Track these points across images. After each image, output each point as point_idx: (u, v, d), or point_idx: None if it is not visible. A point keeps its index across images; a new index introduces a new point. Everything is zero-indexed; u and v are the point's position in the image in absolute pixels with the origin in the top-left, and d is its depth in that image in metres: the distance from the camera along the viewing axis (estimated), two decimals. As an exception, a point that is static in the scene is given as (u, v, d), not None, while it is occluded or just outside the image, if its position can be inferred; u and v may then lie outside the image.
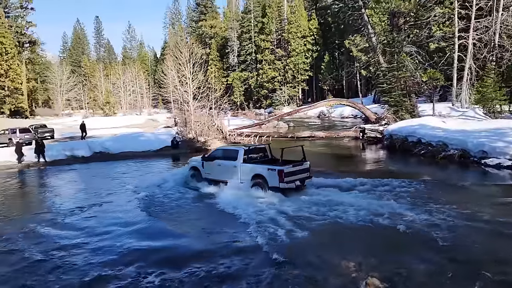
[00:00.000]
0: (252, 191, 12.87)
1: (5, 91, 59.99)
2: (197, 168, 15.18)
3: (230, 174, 13.73)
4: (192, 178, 15.40)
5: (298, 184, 12.63)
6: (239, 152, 13.79)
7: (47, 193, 15.56)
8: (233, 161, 13.76)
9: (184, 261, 7.97)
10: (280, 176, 12.14)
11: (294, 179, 12.49)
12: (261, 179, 12.77)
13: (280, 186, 12.22)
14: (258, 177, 12.88)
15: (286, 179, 12.16)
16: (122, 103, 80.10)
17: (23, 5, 71.20)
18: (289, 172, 12.36)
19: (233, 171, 13.68)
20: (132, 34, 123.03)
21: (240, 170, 13.49)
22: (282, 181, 12.15)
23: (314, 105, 40.89)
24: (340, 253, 8.05)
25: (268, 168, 12.62)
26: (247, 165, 13.41)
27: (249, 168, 13.28)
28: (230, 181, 13.64)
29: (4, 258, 8.55)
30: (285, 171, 12.15)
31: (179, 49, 32.27)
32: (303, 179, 12.95)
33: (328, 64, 69.22)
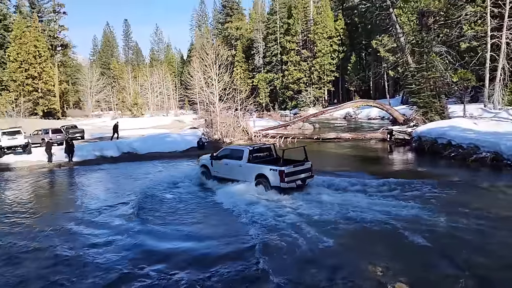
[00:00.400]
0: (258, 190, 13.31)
1: (39, 93, 62.10)
2: (207, 166, 15.81)
3: (236, 173, 14.36)
4: (202, 175, 16.02)
5: (299, 184, 13.16)
6: (244, 152, 14.39)
7: (77, 192, 15.96)
8: (238, 160, 14.33)
9: (210, 262, 8.01)
10: (281, 176, 12.67)
11: (294, 179, 13.01)
12: (264, 179, 13.29)
13: (281, 185, 12.75)
14: (261, 176, 13.42)
15: (286, 179, 12.70)
16: (150, 104, 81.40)
17: (55, 9, 73.61)
18: (290, 172, 12.86)
19: (238, 170, 14.29)
20: (160, 36, 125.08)
21: (244, 170, 14.03)
22: (283, 181, 12.69)
23: (340, 106, 40.43)
24: (366, 257, 7.92)
25: (270, 168, 13.14)
26: (251, 165, 13.94)
27: (253, 168, 13.82)
28: (236, 179, 14.22)
29: (36, 255, 8.81)
30: (285, 172, 12.69)
31: (205, 51, 32.60)
32: (304, 179, 13.44)
33: (355, 65, 68.35)
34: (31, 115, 56.17)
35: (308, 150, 14.45)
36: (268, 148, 15.65)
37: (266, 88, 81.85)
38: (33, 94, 61.06)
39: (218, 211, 12.12)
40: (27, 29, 62.23)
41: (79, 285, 7.31)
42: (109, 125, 53.51)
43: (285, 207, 11.62)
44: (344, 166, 19.32)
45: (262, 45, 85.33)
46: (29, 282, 7.53)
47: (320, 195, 12.63)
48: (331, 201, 11.90)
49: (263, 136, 30.53)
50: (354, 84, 67.97)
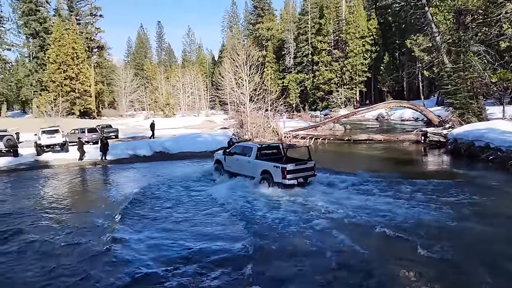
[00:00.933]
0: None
1: (76, 93, 64.32)
2: (221, 161, 16.78)
3: (245, 168, 15.27)
4: (216, 170, 17.05)
5: (300, 181, 13.83)
6: (253, 149, 15.29)
7: (111, 190, 16.33)
8: (247, 157, 15.24)
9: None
10: (283, 173, 13.42)
11: (296, 176, 13.68)
12: (268, 175, 14.05)
13: (283, 182, 13.47)
14: (266, 172, 14.18)
15: (288, 176, 13.42)
16: (181, 104, 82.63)
17: (92, 12, 76.05)
18: (291, 170, 13.58)
19: (247, 166, 15.19)
20: (192, 37, 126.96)
21: (252, 165, 14.88)
22: (285, 178, 13.41)
23: (373, 107, 39.67)
24: (397, 262, 7.73)
25: (274, 165, 13.90)
26: (258, 161, 14.77)
27: (259, 164, 14.64)
28: (245, 174, 15.14)
29: (71, 250, 9.08)
30: (287, 169, 13.44)
31: (236, 52, 32.76)
32: (306, 177, 14.09)
33: (388, 65, 67.04)
34: (68, 115, 58.14)
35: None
36: (276, 146, 16.49)
37: (297, 89, 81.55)
38: (70, 94, 63.32)
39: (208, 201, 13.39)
40: (65, 31, 64.60)
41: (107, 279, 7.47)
42: (142, 124, 54.78)
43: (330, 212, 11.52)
44: (375, 168, 18.95)
45: (293, 46, 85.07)
46: (62, 274, 7.77)
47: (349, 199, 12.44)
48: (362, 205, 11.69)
49: (293, 137, 30.39)
50: (387, 84, 66.64)
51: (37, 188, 17.09)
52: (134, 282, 7.30)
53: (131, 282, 7.29)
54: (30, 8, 69.31)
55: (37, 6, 70.67)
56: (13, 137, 25.77)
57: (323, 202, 12.09)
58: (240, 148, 16.23)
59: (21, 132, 37.21)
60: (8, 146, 24.53)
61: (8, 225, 11.13)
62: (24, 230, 10.58)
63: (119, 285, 7.21)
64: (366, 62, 69.56)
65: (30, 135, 34.56)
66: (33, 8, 69.69)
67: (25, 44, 73.59)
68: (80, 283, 7.38)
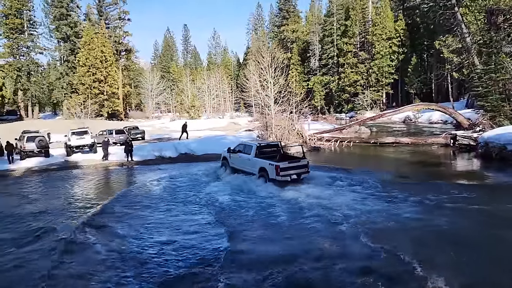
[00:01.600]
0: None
1: (104, 96, 65.85)
2: (226, 158, 18.32)
3: (246, 165, 16.70)
4: (221, 167, 18.75)
5: (294, 178, 14.93)
6: (253, 147, 16.59)
7: (136, 190, 16.56)
8: (248, 154, 16.59)
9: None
10: (276, 170, 14.64)
11: (289, 174, 14.82)
12: (264, 172, 15.31)
13: (276, 178, 14.68)
14: (263, 170, 15.43)
15: (281, 173, 14.62)
16: (206, 106, 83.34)
17: (121, 16, 77.72)
18: (284, 167, 14.78)
19: (248, 163, 16.57)
20: (217, 40, 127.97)
21: (252, 163, 16.23)
22: (278, 174, 14.62)
23: (400, 109, 38.89)
24: (425, 267, 7.54)
25: (269, 163, 15.15)
26: (257, 159, 16.04)
27: (258, 162, 15.90)
28: (246, 171, 16.60)
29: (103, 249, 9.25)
30: (280, 167, 14.67)
31: (261, 54, 32.76)
32: (299, 174, 15.23)
33: (416, 67, 65.72)
34: (97, 116, 59.53)
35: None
36: (275, 145, 17.76)
37: (322, 91, 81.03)
38: (99, 97, 64.87)
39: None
40: (95, 35, 66.25)
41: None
42: (168, 126, 55.52)
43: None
44: (403, 172, 18.60)
45: (318, 48, 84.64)
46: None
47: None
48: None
49: (318, 139, 30.16)
50: (415, 86, 65.29)
51: (67, 187, 17.58)
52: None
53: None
54: (62, 13, 71.48)
55: (68, 11, 72.80)
56: (44, 138, 26.57)
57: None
58: (242, 146, 17.53)
59: (52, 133, 38.34)
60: (40, 146, 25.33)
61: (41, 223, 11.48)
62: (56, 228, 10.88)
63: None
64: (393, 64, 68.38)
65: (61, 136, 35.57)
66: (64, 13, 71.83)
67: (57, 48, 75.95)
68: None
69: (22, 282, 7.72)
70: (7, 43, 67.40)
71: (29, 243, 9.87)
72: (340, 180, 15.79)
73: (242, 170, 16.98)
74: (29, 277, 7.91)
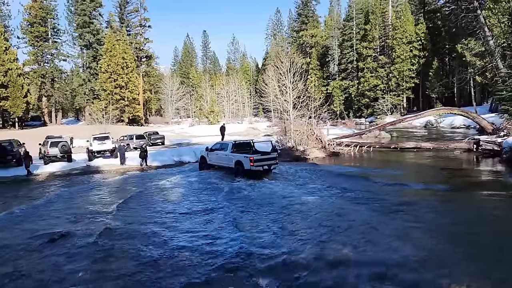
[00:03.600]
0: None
1: (125, 101, 66.98)
2: (204, 157, 21.13)
3: (223, 160, 19.54)
4: (200, 165, 21.63)
5: (265, 168, 17.99)
6: (229, 144, 19.61)
7: (156, 196, 16.67)
8: (225, 151, 19.52)
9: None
10: (251, 161, 17.38)
11: (261, 164, 17.76)
12: (240, 165, 18.03)
13: (251, 168, 17.45)
14: (238, 163, 18.15)
15: (255, 164, 17.42)
16: (225, 111, 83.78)
17: (142, 23, 79.19)
18: (257, 159, 17.69)
19: (225, 158, 19.38)
20: (236, 46, 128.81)
21: (229, 157, 19.00)
22: (252, 165, 17.37)
23: (421, 114, 38.28)
24: (445, 273, 7.34)
25: (244, 156, 18.04)
26: (233, 154, 18.88)
27: (234, 156, 18.74)
28: (223, 165, 19.56)
29: (134, 254, 9.31)
30: (254, 158, 17.49)
31: (280, 59, 32.76)
32: (270, 165, 18.24)
33: (437, 71, 64.69)
34: (118, 122, 60.51)
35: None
36: (249, 144, 20.57)
37: (341, 96, 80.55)
38: (120, 102, 66.03)
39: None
40: (116, 42, 67.56)
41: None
42: (187, 131, 56.04)
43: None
44: (426, 178, 18.26)
45: (337, 52, 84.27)
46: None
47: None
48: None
49: (337, 144, 29.90)
50: (436, 90, 64.22)
51: (88, 192, 17.85)
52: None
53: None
54: (85, 20, 73.22)
55: (91, 19, 74.54)
56: (67, 143, 27.13)
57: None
58: (219, 145, 20.71)
59: (75, 138, 39.13)
60: (63, 151, 25.85)
61: (59, 227, 11.68)
62: (74, 233, 11.00)
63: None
64: (413, 68, 67.44)
65: (83, 141, 36.25)
66: (87, 21, 73.56)
67: (79, 55, 77.75)
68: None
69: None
70: (32, 51, 69.36)
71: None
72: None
73: (220, 165, 19.98)
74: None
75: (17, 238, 10.69)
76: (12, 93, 54.48)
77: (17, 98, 55.11)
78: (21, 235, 10.89)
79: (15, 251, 9.61)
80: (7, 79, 54.23)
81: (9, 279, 7.94)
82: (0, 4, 67.53)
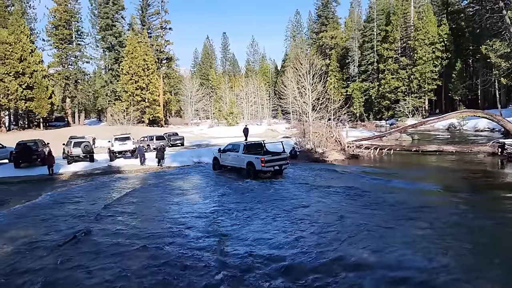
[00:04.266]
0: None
1: (146, 103, 67.89)
2: (217, 158, 21.95)
3: (236, 161, 20.25)
4: (213, 166, 22.39)
5: (276, 169, 18.73)
6: (240, 146, 20.20)
7: (175, 198, 16.83)
8: (237, 152, 20.14)
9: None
10: (262, 162, 17.96)
11: (272, 165, 18.45)
12: (251, 165, 18.66)
13: (262, 169, 18.15)
14: (250, 163, 18.80)
15: (266, 164, 18.04)
16: (244, 113, 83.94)
17: (163, 26, 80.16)
18: (268, 160, 18.29)
19: (237, 159, 20.03)
20: (255, 47, 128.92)
21: (241, 158, 19.62)
22: (264, 166, 17.96)
23: (443, 116, 37.49)
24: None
25: (255, 157, 18.61)
26: (245, 155, 19.52)
27: (245, 157, 19.36)
28: (236, 165, 20.34)
29: (156, 253, 9.45)
30: (265, 159, 18.07)
31: (299, 61, 32.69)
32: (281, 165, 18.88)
33: (460, 72, 63.35)
34: (138, 123, 61.35)
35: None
36: (260, 144, 21.04)
37: (361, 98, 79.74)
38: (141, 104, 66.98)
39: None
40: (138, 44, 68.55)
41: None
42: (206, 133, 56.41)
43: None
44: (448, 181, 17.90)
45: (358, 54, 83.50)
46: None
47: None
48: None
49: (357, 146, 29.61)
50: (459, 93, 62.86)
51: (109, 191, 18.16)
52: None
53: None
54: (107, 23, 74.56)
55: (113, 22, 75.84)
56: (90, 144, 27.66)
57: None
58: (231, 146, 21.24)
59: (97, 138, 39.84)
60: (86, 152, 26.38)
61: (80, 225, 11.92)
62: (94, 232, 11.24)
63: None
64: (436, 69, 66.13)
65: (105, 141, 36.90)
66: (110, 24, 74.89)
67: (102, 57, 79.23)
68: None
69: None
70: (56, 53, 71.09)
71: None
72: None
73: (232, 166, 20.79)
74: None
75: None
76: (37, 94, 55.94)
77: (42, 99, 56.55)
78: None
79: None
80: (33, 80, 55.74)
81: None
82: (27, 8, 69.36)
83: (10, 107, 56.79)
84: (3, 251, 9.76)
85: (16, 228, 11.90)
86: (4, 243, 10.38)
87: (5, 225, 12.41)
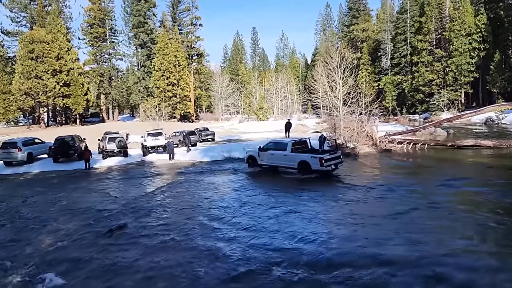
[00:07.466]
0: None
1: (177, 98, 68.92)
2: (253, 157, 20.62)
3: (281, 160, 19.09)
4: (247, 164, 21.15)
5: (333, 168, 17.99)
6: (288, 144, 19.06)
7: (205, 191, 17.06)
8: (283, 151, 18.93)
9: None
10: (320, 161, 17.21)
11: (330, 164, 17.61)
12: (305, 165, 17.72)
13: (321, 168, 17.28)
14: (303, 163, 17.84)
15: (325, 164, 17.23)
16: (274, 108, 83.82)
17: (193, 22, 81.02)
18: (327, 159, 17.46)
19: (283, 158, 18.91)
20: (285, 42, 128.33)
21: (289, 157, 18.56)
22: (322, 165, 17.19)
23: (481, 110, 36.19)
24: None
25: (312, 156, 17.73)
26: (294, 154, 18.52)
27: (296, 156, 18.36)
28: (281, 165, 19.33)
29: (176, 244, 9.70)
30: (324, 158, 17.26)
31: (330, 55, 32.24)
32: (336, 164, 18.21)
33: (499, 64, 60.81)
34: (170, 118, 62.38)
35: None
36: (305, 142, 20.24)
37: (393, 91, 78.06)
38: (172, 99, 68.05)
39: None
40: (169, 41, 69.61)
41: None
42: (236, 128, 56.71)
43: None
44: (486, 177, 17.29)
45: (390, 46, 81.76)
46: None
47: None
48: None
49: (389, 141, 28.99)
50: (498, 85, 60.38)
51: (142, 186, 18.63)
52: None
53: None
54: (140, 21, 76.03)
55: (145, 19, 77.26)
56: (123, 139, 28.40)
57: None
58: (273, 144, 20.13)
59: (130, 134, 40.82)
60: (120, 147, 27.13)
61: (115, 220, 12.32)
62: (128, 225, 11.61)
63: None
64: (473, 61, 63.74)
65: (138, 137, 37.78)
66: (142, 21, 76.33)
67: (135, 54, 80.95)
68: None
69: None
70: (91, 51, 73.28)
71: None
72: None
73: (275, 165, 19.64)
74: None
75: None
76: (74, 91, 57.91)
77: (78, 96, 58.49)
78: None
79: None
80: (69, 78, 57.72)
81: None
82: (63, 7, 71.66)
83: (49, 104, 58.99)
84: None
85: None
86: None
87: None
